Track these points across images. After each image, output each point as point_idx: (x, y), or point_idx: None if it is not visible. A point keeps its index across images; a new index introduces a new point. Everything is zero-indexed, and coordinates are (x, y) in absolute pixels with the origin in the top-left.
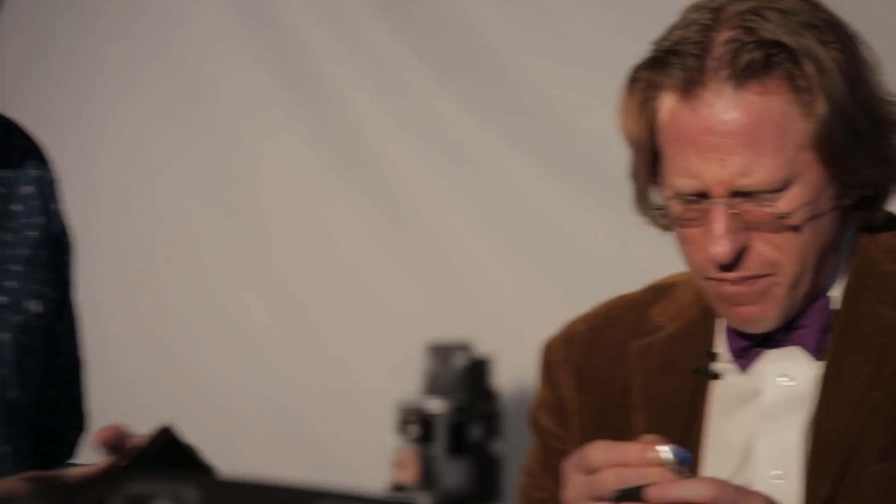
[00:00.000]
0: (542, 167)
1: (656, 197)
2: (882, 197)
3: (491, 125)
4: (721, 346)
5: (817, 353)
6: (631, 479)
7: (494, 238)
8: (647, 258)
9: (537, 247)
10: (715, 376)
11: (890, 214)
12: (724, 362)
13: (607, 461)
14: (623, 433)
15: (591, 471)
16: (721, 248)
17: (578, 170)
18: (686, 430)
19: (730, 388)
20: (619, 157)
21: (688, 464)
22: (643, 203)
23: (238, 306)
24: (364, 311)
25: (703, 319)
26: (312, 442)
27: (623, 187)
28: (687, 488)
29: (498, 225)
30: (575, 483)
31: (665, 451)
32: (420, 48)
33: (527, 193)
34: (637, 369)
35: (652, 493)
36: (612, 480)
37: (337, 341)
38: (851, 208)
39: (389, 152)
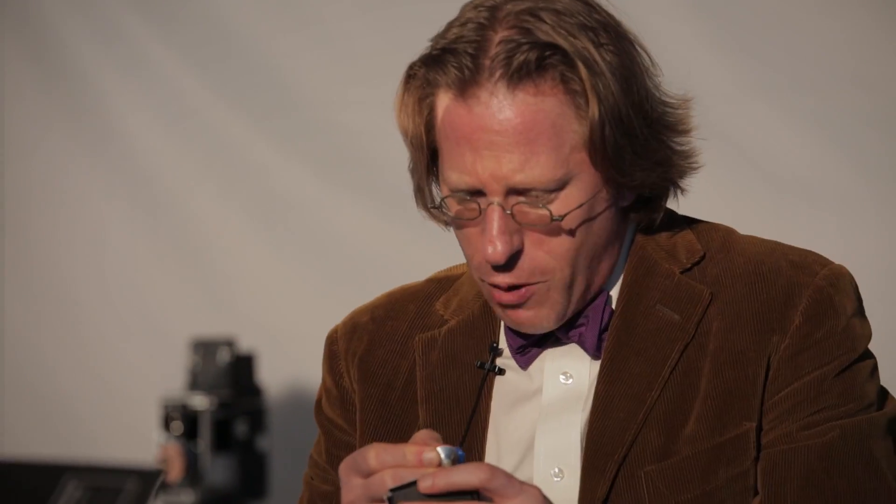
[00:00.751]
0: (306, 165)
1: (436, 193)
2: (659, 198)
3: (254, 124)
4: (503, 340)
5: (596, 352)
6: (407, 480)
7: (258, 235)
8: (412, 255)
9: (301, 244)
10: (498, 371)
11: (670, 212)
12: (506, 357)
13: (383, 464)
14: (406, 427)
15: (368, 473)
16: (494, 248)
17: (343, 167)
18: (469, 425)
19: (511, 384)
20: (385, 155)
21: (461, 461)
22: (422, 199)
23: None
24: (127, 307)
25: (485, 314)
26: (75, 437)
27: (391, 184)
28: (458, 474)
29: (262, 222)
30: (353, 486)
31: (439, 452)
32: (184, 48)
33: (290, 191)
34: (420, 363)
35: (424, 482)
36: (391, 483)
37: (100, 337)
38: (629, 209)
39: (154, 151)
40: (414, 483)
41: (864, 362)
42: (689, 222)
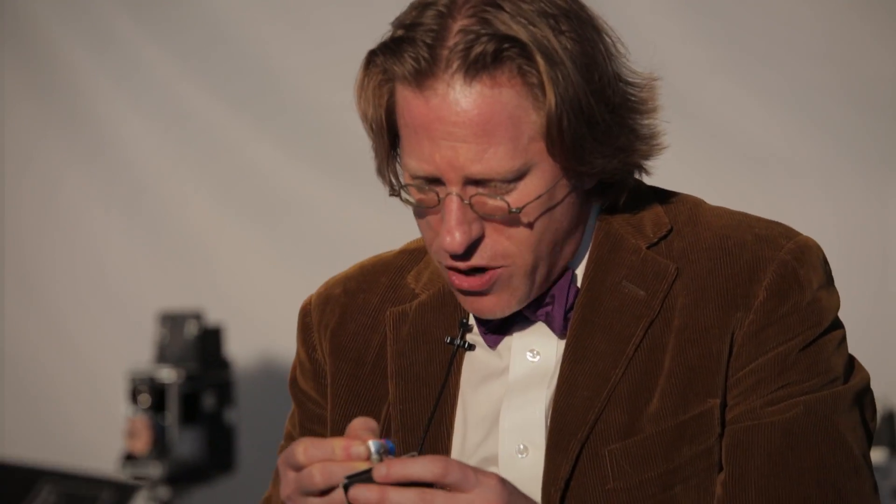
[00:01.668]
0: (275, 139)
1: (400, 174)
2: (622, 182)
3: (223, 98)
4: (473, 317)
5: (562, 331)
6: (337, 474)
7: (226, 208)
8: (382, 227)
9: (269, 216)
10: (468, 347)
11: (638, 184)
12: (476, 334)
13: (312, 458)
14: (376, 401)
15: (299, 468)
16: (452, 238)
17: (311, 142)
18: (437, 401)
19: (480, 361)
20: (353, 127)
21: (392, 454)
22: (385, 179)
23: None
24: (95, 280)
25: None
26: (44, 410)
27: (360, 155)
28: (413, 466)
29: (230, 195)
30: (287, 480)
31: (369, 445)
32: (153, 23)
33: (258, 164)
34: (391, 338)
35: (378, 471)
36: (319, 477)
37: (68, 310)
38: (592, 192)
39: (121, 125)
40: (370, 471)
41: (830, 335)
42: (657, 194)
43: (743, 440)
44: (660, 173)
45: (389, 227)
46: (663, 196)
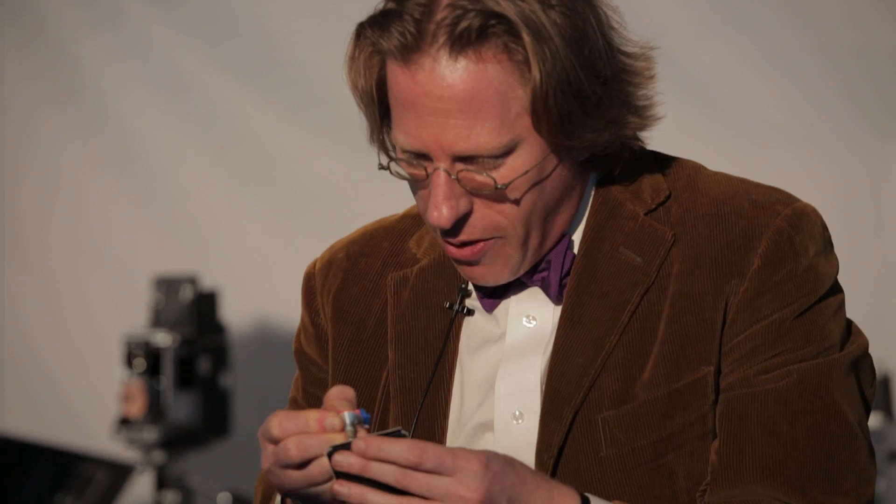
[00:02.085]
0: (269, 102)
1: (388, 144)
2: (618, 154)
3: (220, 64)
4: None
5: (558, 297)
6: (312, 446)
7: (222, 172)
8: (376, 192)
9: (264, 181)
10: (466, 312)
11: (636, 153)
12: (475, 299)
13: (286, 432)
14: (377, 367)
15: (275, 441)
16: (439, 213)
17: (307, 105)
18: (436, 367)
19: (478, 327)
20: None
21: (367, 424)
22: (376, 145)
23: None
24: (90, 244)
25: None
26: (39, 374)
27: (355, 120)
28: (389, 447)
29: (225, 159)
30: (266, 453)
31: (344, 417)
32: None
33: (254, 129)
34: (391, 303)
35: (357, 444)
36: (295, 451)
37: (63, 274)
38: (588, 161)
39: (115, 90)
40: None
41: (826, 301)
42: (658, 159)
43: (737, 408)
44: (655, 142)
45: (386, 193)
46: (663, 161)
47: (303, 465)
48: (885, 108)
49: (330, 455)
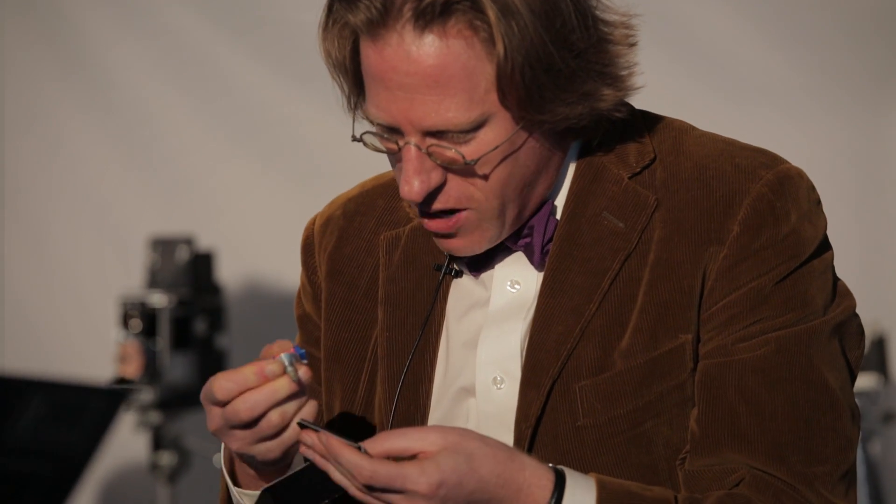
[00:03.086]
0: (265, 64)
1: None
2: (595, 124)
3: (216, 25)
4: None
5: (540, 264)
6: (260, 402)
7: (217, 133)
8: (373, 153)
9: (261, 141)
10: (455, 274)
11: (614, 123)
12: (463, 262)
13: (230, 393)
14: (367, 327)
15: (221, 404)
16: (410, 187)
17: (301, 65)
18: (423, 329)
19: (465, 290)
20: None
21: (304, 359)
22: (352, 117)
23: None
24: (85, 205)
25: None
26: (35, 334)
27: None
28: (342, 456)
29: (220, 120)
30: (213, 415)
31: (281, 359)
32: None
33: (250, 90)
34: (383, 263)
35: (310, 439)
36: (243, 409)
37: (58, 235)
38: (567, 131)
39: (111, 51)
40: (290, 477)
41: (810, 265)
42: (646, 119)
43: (715, 377)
44: (652, 101)
45: (380, 153)
46: (651, 122)
47: (251, 423)
48: (880, 66)
49: (300, 424)
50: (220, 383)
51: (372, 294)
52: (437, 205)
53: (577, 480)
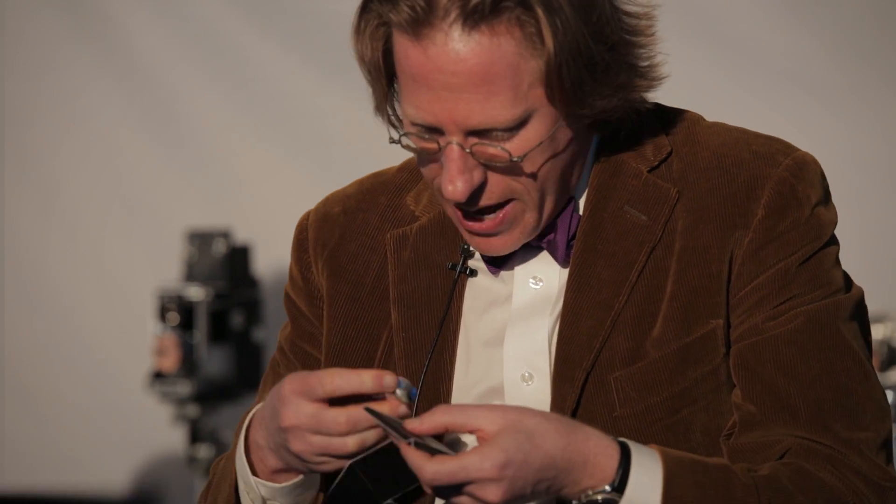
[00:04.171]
0: (305, 59)
1: (399, 112)
2: (623, 116)
3: (253, 19)
4: None
5: (565, 260)
6: (362, 421)
7: (255, 126)
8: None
9: (298, 135)
10: (469, 273)
11: (639, 114)
12: (477, 259)
13: (338, 389)
14: (376, 324)
15: (321, 399)
16: (454, 187)
17: (340, 60)
18: (440, 328)
19: (483, 287)
20: None
21: (413, 399)
22: (384, 120)
23: None
24: (123, 199)
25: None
26: (73, 327)
27: None
28: (412, 461)
29: (259, 114)
30: (300, 411)
31: (398, 380)
32: None
33: (284, 83)
34: (392, 262)
35: (410, 423)
36: (345, 421)
37: (97, 228)
38: (593, 124)
39: (152, 45)
40: (376, 453)
41: (828, 249)
42: (658, 113)
43: (750, 356)
44: (669, 95)
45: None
46: (663, 114)
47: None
48: None
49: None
50: (332, 377)
51: (378, 292)
52: (482, 202)
53: (641, 448)
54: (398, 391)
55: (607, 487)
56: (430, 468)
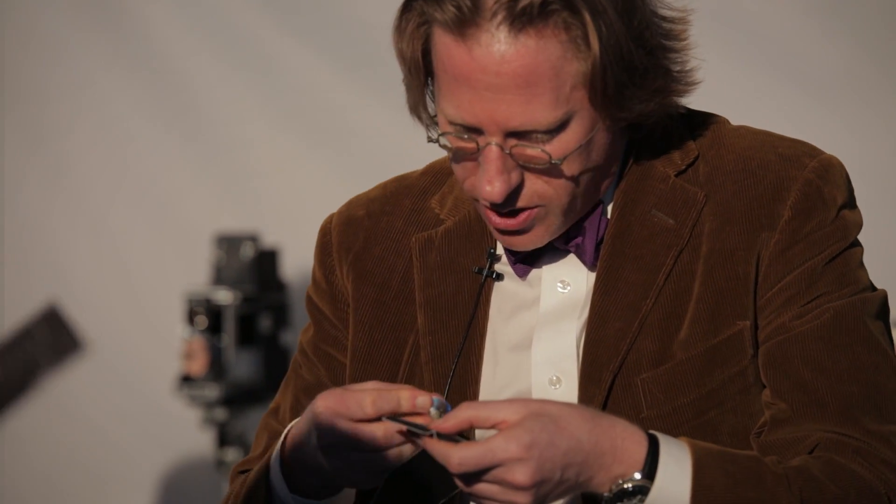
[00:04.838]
0: (331, 61)
1: (431, 109)
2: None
3: (278, 20)
4: (501, 246)
5: (593, 263)
6: (396, 439)
7: (283, 129)
8: (436, 153)
9: (326, 139)
10: (496, 277)
11: (672, 118)
12: (504, 263)
13: (381, 411)
14: (402, 328)
15: (361, 418)
16: (492, 188)
17: (366, 62)
18: (467, 331)
19: (510, 291)
20: None
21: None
22: (420, 118)
23: (14, 193)
24: (151, 202)
25: (480, 216)
26: (100, 331)
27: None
28: (436, 451)
29: (286, 117)
30: (336, 428)
31: (431, 399)
32: None
33: (313, 87)
34: (417, 266)
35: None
36: (382, 437)
37: (124, 232)
38: (626, 127)
39: (178, 48)
40: (410, 465)
41: (854, 249)
42: (683, 116)
43: (778, 354)
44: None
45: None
46: (689, 118)
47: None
48: None
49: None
50: (373, 398)
51: (403, 296)
52: (518, 204)
53: (668, 438)
54: (432, 410)
55: (637, 475)
56: (456, 455)
